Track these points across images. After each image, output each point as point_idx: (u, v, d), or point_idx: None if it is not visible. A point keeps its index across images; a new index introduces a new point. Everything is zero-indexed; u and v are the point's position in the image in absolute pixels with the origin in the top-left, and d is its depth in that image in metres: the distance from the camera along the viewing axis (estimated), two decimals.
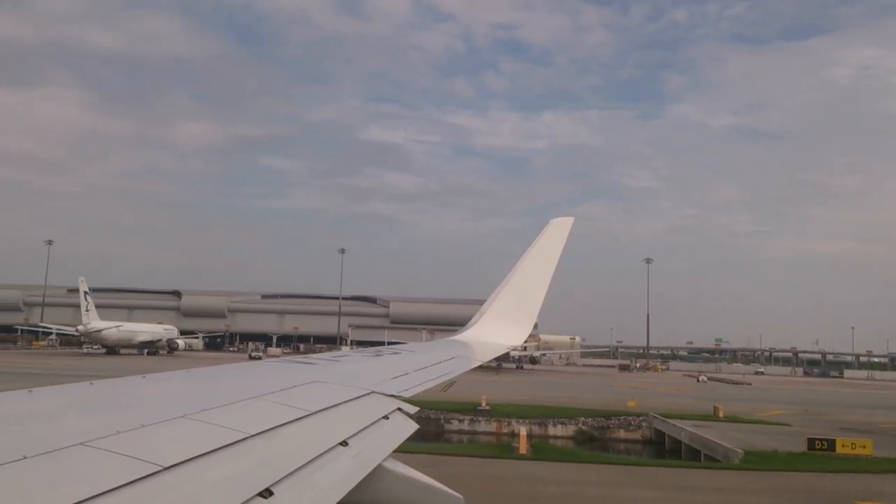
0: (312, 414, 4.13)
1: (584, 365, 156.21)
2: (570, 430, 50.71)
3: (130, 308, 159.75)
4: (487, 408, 53.83)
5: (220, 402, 3.90)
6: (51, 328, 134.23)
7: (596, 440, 49.79)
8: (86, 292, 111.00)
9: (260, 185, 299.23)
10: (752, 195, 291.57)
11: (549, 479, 25.09)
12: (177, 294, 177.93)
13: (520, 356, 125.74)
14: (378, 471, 3.82)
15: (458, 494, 4.37)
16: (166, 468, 2.60)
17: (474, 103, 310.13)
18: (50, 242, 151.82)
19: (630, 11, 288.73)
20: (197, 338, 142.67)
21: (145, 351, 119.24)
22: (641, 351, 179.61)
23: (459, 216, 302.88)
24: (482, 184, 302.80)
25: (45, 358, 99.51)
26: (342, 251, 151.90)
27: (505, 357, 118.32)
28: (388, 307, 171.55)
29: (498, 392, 61.40)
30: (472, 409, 53.99)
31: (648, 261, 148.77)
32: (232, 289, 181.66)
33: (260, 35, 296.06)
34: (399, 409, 5.13)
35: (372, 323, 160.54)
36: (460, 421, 52.79)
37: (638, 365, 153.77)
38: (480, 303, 12.93)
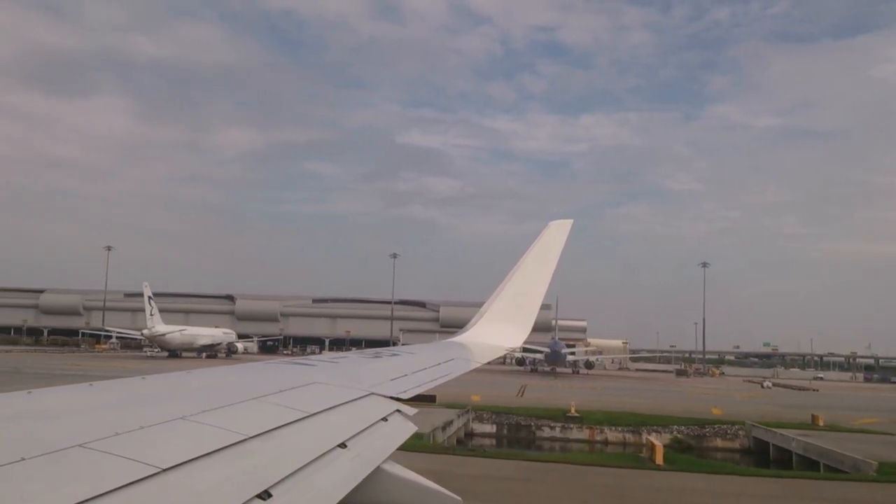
0: (311, 415, 4.11)
1: (636, 370, 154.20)
2: (665, 438, 49.89)
3: (186, 312, 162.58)
4: (577, 415, 53.45)
5: (219, 403, 3.90)
6: (113, 332, 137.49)
7: (693, 449, 49.06)
8: (150, 297, 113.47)
9: (302, 190, 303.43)
10: (799, 196, 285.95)
11: (712, 492, 24.69)
12: (230, 298, 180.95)
13: (576, 360, 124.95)
14: (377, 473, 3.83)
15: (456, 496, 4.28)
16: (165, 470, 2.61)
17: (513, 107, 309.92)
18: (109, 248, 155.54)
19: (671, 11, 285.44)
20: (252, 341, 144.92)
21: (204, 354, 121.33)
22: (688, 355, 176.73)
23: (498, 219, 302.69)
24: (521, 187, 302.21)
25: (114, 360, 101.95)
26: (394, 256, 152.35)
27: (562, 362, 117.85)
28: (438, 311, 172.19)
29: (573, 398, 60.76)
30: (562, 416, 53.66)
31: (705, 265, 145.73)
32: (283, 293, 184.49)
33: (300, 41, 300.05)
34: (398, 410, 5.09)
35: (422, 327, 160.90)
36: (551, 428, 52.54)
37: (692, 370, 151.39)
38: None
